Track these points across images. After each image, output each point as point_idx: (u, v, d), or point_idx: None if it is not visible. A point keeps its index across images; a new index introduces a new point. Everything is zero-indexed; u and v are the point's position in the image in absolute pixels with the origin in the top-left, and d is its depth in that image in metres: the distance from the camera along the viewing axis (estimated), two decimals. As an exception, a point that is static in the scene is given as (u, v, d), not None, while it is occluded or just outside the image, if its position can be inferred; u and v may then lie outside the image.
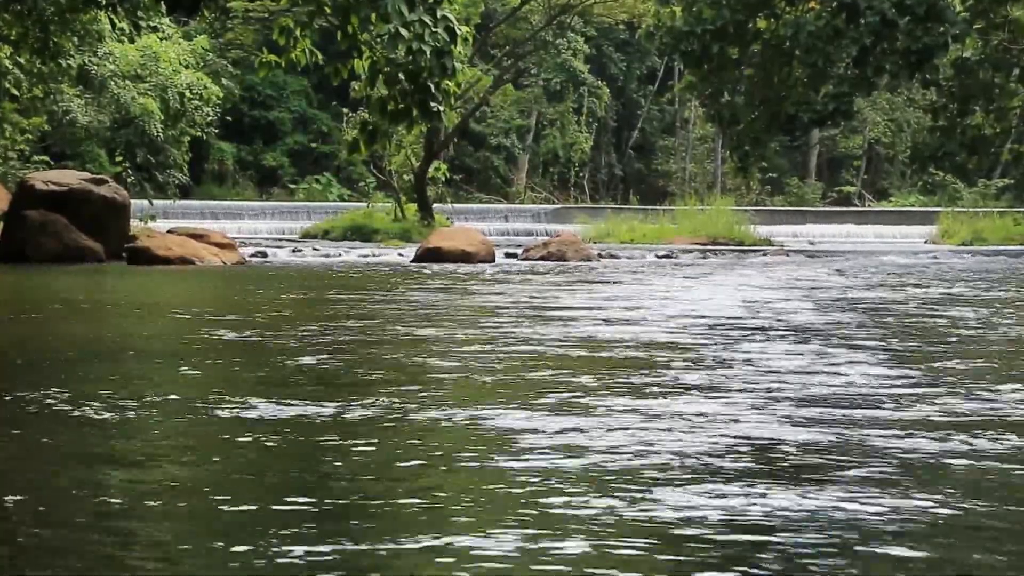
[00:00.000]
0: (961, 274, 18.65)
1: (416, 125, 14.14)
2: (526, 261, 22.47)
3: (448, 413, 4.91)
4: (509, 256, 23.85)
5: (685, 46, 26.83)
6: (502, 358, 6.84)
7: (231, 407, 5.00)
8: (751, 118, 28.07)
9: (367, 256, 24.16)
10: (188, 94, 32.75)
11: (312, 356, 6.97)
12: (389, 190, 37.37)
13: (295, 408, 4.97)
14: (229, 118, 41.61)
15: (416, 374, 6.33)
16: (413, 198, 35.82)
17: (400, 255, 24.26)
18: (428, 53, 11.81)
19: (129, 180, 30.40)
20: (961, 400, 5.34)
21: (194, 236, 20.45)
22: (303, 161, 52.70)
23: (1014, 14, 28.30)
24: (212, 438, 4.47)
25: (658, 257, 24.75)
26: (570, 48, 52.00)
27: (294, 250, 25.78)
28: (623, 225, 35.18)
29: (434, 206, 36.18)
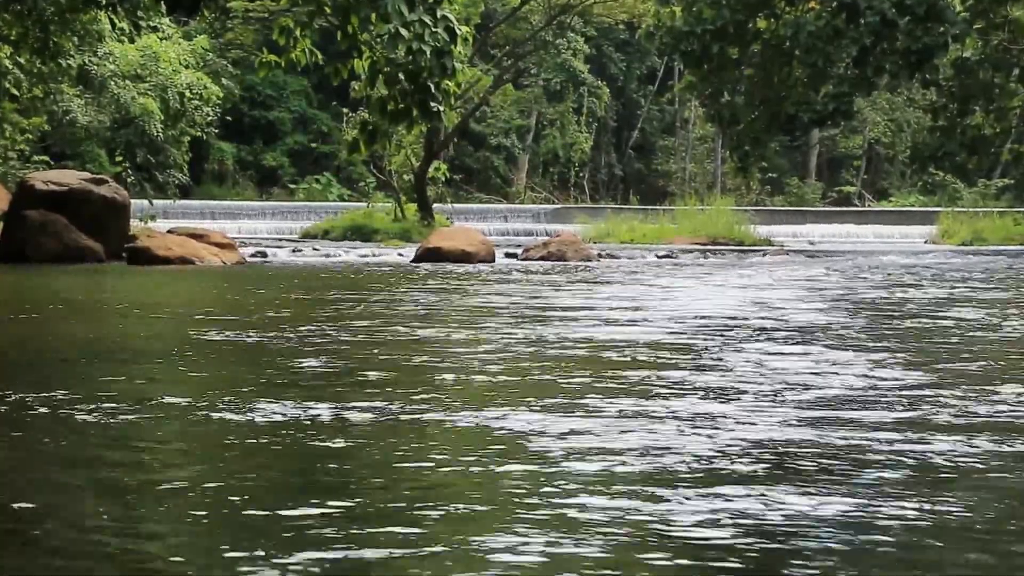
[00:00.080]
0: (962, 274, 18.64)
1: (416, 125, 14.14)
2: (526, 261, 22.46)
3: (453, 415, 4.87)
4: (509, 256, 23.84)
5: (685, 46, 26.85)
6: (504, 359, 6.81)
7: (233, 408, 4.97)
8: (751, 118, 28.09)
9: (367, 256, 24.14)
10: (188, 94, 32.76)
11: (313, 357, 6.94)
12: (389, 190, 37.37)
13: (297, 409, 4.93)
14: (229, 118, 41.64)
15: (418, 375, 6.30)
16: (413, 198, 35.82)
17: (400, 255, 24.25)
18: (428, 53, 11.81)
19: (129, 180, 30.40)
20: (971, 402, 5.30)
21: (194, 236, 20.44)
22: (303, 161, 52.71)
23: (1014, 14, 28.31)
24: (214, 440, 4.44)
25: (658, 257, 24.74)
26: (570, 48, 52.00)
27: (294, 250, 25.77)
28: (623, 225, 35.18)
29: (434, 206, 36.18)
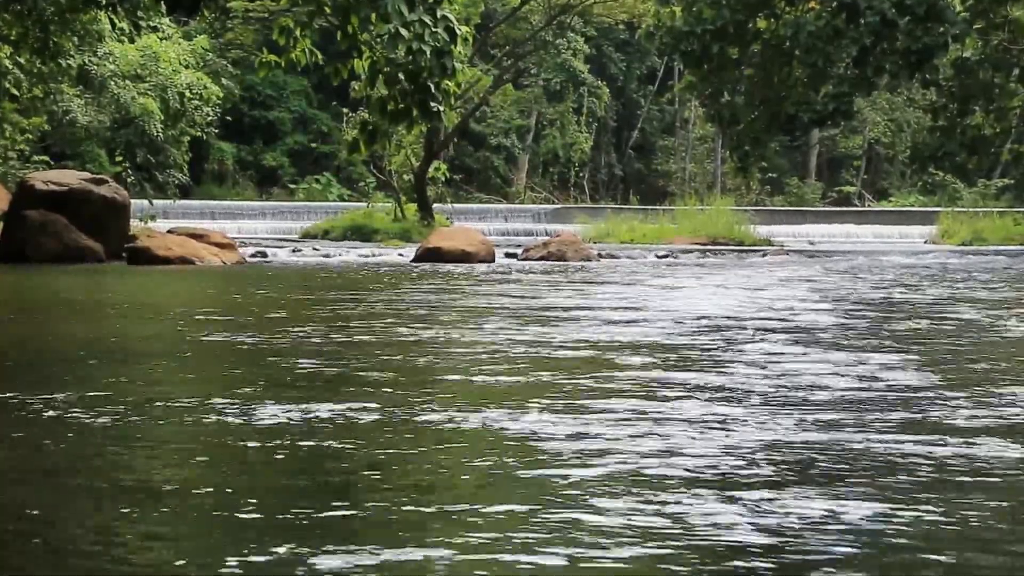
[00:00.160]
0: (962, 274, 18.64)
1: (416, 125, 14.14)
2: (526, 261, 22.46)
3: (456, 416, 4.82)
4: (509, 256, 23.85)
5: (685, 46, 26.82)
6: (506, 359, 6.79)
7: (233, 409, 4.97)
8: (751, 118, 28.06)
9: (367, 256, 24.15)
10: (188, 94, 32.77)
11: (313, 357, 6.94)
12: (389, 190, 37.37)
13: (298, 410, 4.91)
14: (229, 118, 41.64)
15: (420, 376, 6.29)
16: (413, 198, 35.83)
17: (400, 255, 24.25)
18: (428, 53, 11.81)
19: (129, 180, 30.41)
20: (980, 404, 5.24)
21: (194, 236, 20.44)
22: (303, 161, 52.71)
23: (1014, 14, 28.29)
24: (214, 440, 4.43)
25: (658, 257, 24.75)
26: (570, 48, 52.00)
27: (294, 250, 25.77)
28: (623, 225, 35.20)
29: (434, 206, 36.19)
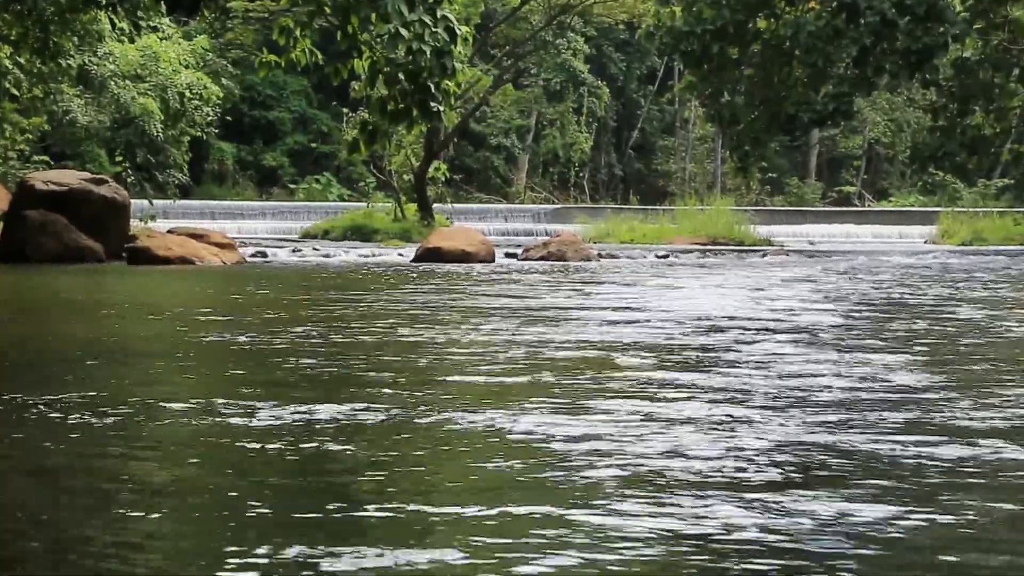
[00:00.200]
0: (962, 274, 18.63)
1: (416, 125, 14.14)
2: (526, 261, 22.46)
3: (459, 417, 4.79)
4: (509, 256, 23.84)
5: (685, 46, 26.84)
6: (507, 360, 6.77)
7: (233, 409, 4.96)
8: (751, 118, 28.08)
9: (367, 256, 24.14)
10: (188, 94, 32.77)
11: (313, 358, 6.93)
12: (389, 190, 37.37)
13: (300, 411, 4.89)
14: (229, 118, 41.64)
15: (421, 376, 6.26)
16: (413, 198, 35.82)
17: (400, 255, 24.25)
18: (428, 53, 11.81)
19: (129, 180, 30.41)
20: (986, 406, 5.20)
21: (194, 236, 20.44)
22: (303, 161, 52.71)
23: (1014, 14, 28.30)
24: (215, 441, 4.42)
25: (658, 257, 24.74)
26: (570, 48, 51.99)
27: (294, 250, 25.76)
28: (623, 225, 35.19)
29: (434, 206, 36.18)
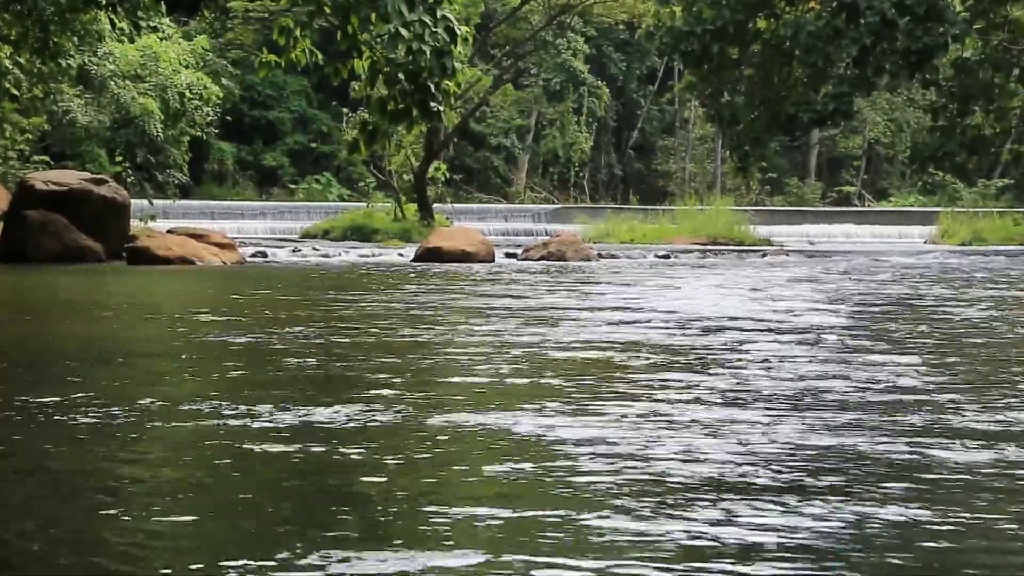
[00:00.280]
0: (962, 274, 18.63)
1: (416, 125, 14.14)
2: (526, 261, 22.46)
3: (463, 418, 4.76)
4: (509, 256, 23.84)
5: (685, 46, 26.83)
6: (508, 361, 6.75)
7: (233, 410, 4.95)
8: (751, 118, 28.07)
9: (367, 256, 24.14)
10: (188, 94, 32.76)
11: (313, 358, 6.93)
12: (389, 190, 37.37)
13: (301, 412, 4.87)
14: (229, 118, 41.64)
15: (422, 377, 6.24)
16: (413, 198, 35.82)
17: (400, 255, 24.25)
18: (428, 53, 11.81)
19: (129, 180, 30.41)
20: (994, 408, 5.12)
21: (194, 236, 20.44)
22: (303, 161, 52.70)
23: (1014, 14, 28.29)
24: (215, 442, 4.41)
25: (658, 257, 24.74)
26: (570, 48, 51.99)
27: (294, 250, 25.76)
28: (623, 225, 35.19)
29: (434, 206, 36.18)
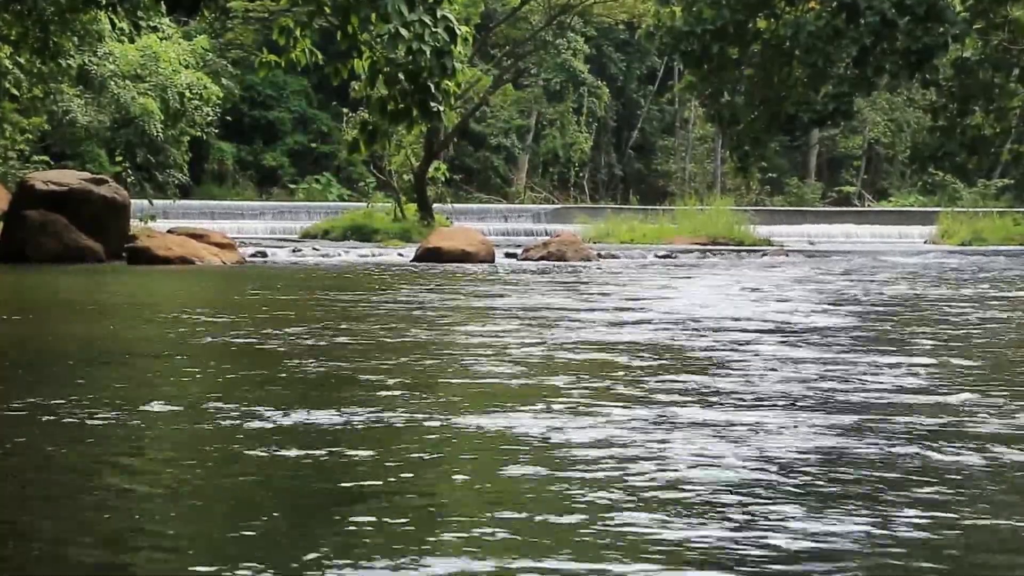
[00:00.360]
0: (962, 274, 18.62)
1: (416, 125, 14.14)
2: (526, 261, 22.46)
3: (465, 419, 4.73)
4: (509, 256, 23.84)
5: (685, 46, 26.83)
6: (509, 361, 6.72)
7: (234, 410, 4.93)
8: (751, 118, 28.07)
9: (367, 256, 24.14)
10: (188, 94, 32.76)
11: (313, 359, 6.91)
12: (389, 190, 37.37)
13: (302, 413, 4.85)
14: (229, 118, 41.63)
15: (423, 378, 6.22)
16: (413, 198, 35.82)
17: (400, 255, 24.25)
18: (428, 53, 11.81)
19: (129, 180, 30.40)
20: (1006, 411, 5.07)
21: (194, 236, 20.44)
22: (303, 161, 52.70)
23: (1014, 14, 28.30)
24: (215, 442, 4.40)
25: (658, 257, 24.74)
26: (570, 48, 51.99)
27: (294, 250, 25.76)
28: (623, 225, 35.19)
29: (434, 206, 36.17)
